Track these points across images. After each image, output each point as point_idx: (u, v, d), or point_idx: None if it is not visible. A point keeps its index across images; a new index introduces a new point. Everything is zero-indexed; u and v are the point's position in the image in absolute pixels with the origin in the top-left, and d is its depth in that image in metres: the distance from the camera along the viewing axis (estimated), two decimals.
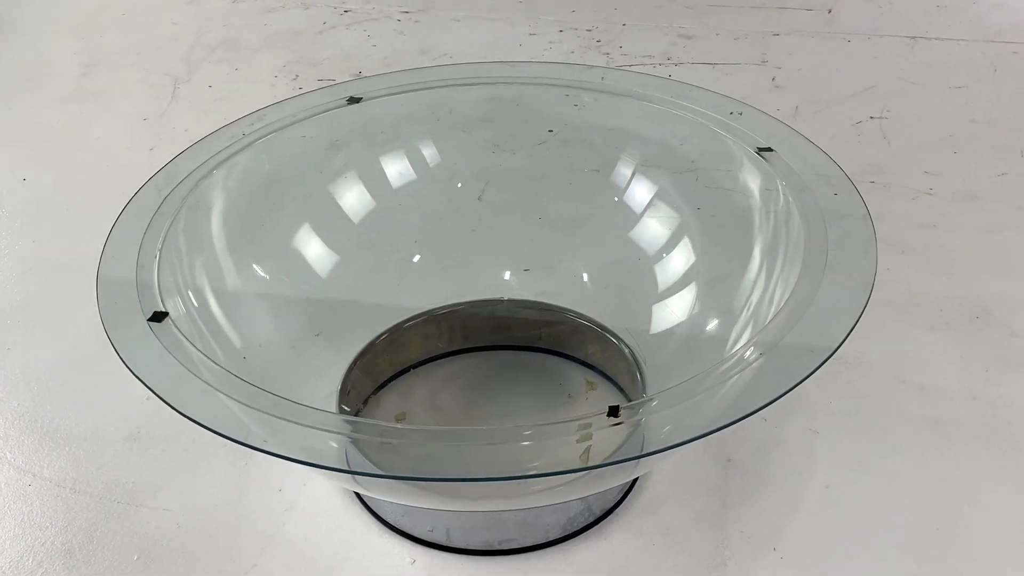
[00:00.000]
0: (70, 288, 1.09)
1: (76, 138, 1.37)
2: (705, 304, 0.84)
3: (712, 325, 0.83)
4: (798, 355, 0.65)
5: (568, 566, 0.79)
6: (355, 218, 0.91)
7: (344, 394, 0.86)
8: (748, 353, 0.66)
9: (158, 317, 0.69)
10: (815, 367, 0.64)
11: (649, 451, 0.59)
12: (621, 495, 0.83)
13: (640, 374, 0.86)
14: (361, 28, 1.62)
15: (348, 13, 1.67)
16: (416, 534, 0.80)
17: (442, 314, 0.94)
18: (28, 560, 0.81)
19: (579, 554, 0.79)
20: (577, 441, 0.66)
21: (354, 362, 0.89)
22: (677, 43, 1.53)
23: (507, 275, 0.95)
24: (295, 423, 0.62)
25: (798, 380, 0.63)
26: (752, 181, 0.82)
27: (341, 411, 0.84)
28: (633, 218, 0.88)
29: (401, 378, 0.92)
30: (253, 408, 0.63)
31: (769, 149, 0.84)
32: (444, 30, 1.61)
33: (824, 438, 0.88)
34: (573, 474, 0.69)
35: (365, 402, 0.89)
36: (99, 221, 1.19)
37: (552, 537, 0.80)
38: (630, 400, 0.86)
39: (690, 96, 0.91)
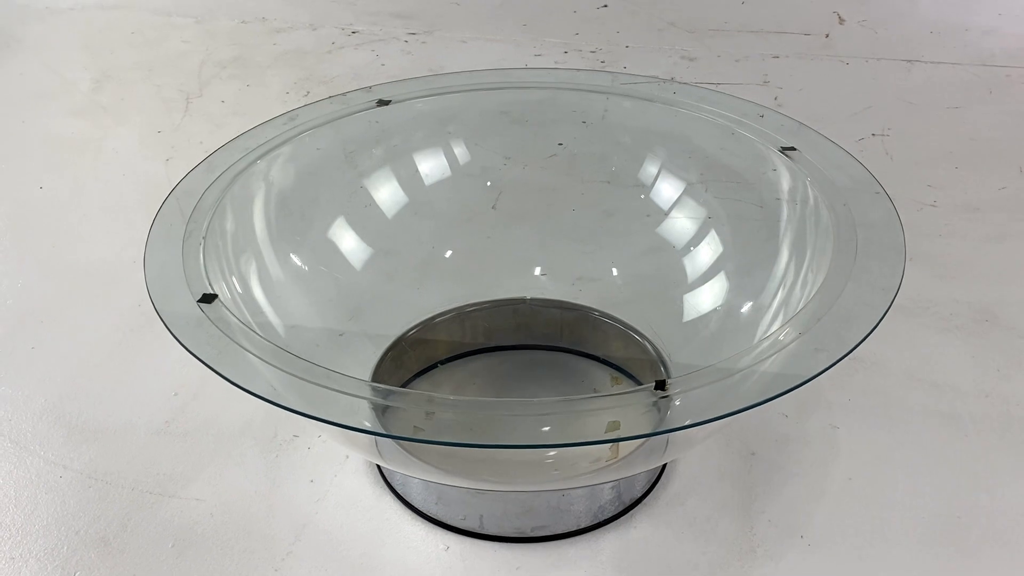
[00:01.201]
0: (91, 290, 1.11)
1: (91, 149, 1.38)
2: (734, 299, 0.86)
3: (739, 320, 0.85)
4: (835, 333, 0.66)
5: (598, 553, 0.80)
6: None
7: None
8: (783, 335, 0.67)
9: (208, 299, 0.70)
10: (858, 342, 0.66)
11: (701, 420, 0.60)
12: (648, 486, 0.84)
13: (665, 370, 0.88)
14: (369, 48, 1.65)
15: (356, 34, 1.70)
16: (449, 522, 0.81)
17: (467, 313, 0.96)
18: (63, 548, 0.81)
19: (609, 542, 0.81)
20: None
21: (384, 355, 0.90)
22: (680, 64, 1.57)
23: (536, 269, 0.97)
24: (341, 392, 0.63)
25: (839, 357, 0.65)
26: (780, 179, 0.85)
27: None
28: (659, 215, 0.90)
29: (428, 373, 0.94)
30: (296, 376, 0.64)
31: (793, 148, 0.87)
32: (451, 51, 1.64)
33: (845, 433, 0.90)
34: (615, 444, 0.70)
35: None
36: (117, 226, 1.21)
37: (582, 525, 0.81)
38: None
39: (709, 99, 0.94)
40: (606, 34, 1.68)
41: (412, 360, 0.93)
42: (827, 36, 1.65)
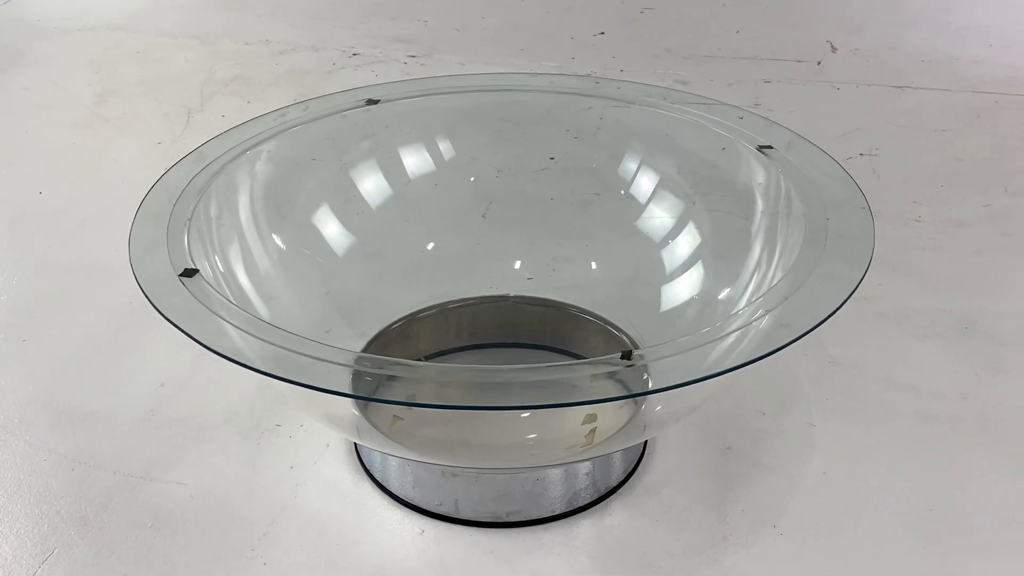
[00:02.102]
0: (84, 288, 1.12)
1: (91, 158, 1.41)
2: (712, 287, 0.87)
3: (716, 307, 0.86)
4: (802, 311, 0.68)
5: (573, 539, 0.81)
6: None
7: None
8: (750, 313, 0.69)
9: (189, 273, 0.72)
10: (824, 318, 0.67)
11: (673, 384, 0.61)
12: (624, 476, 0.85)
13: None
14: (369, 69, 1.68)
15: (356, 56, 1.73)
16: (425, 506, 0.82)
17: (450, 309, 0.97)
18: (44, 526, 0.82)
19: (584, 528, 0.82)
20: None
21: (366, 348, 0.91)
22: (673, 87, 1.59)
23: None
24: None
25: (811, 326, 0.66)
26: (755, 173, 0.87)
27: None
28: (638, 209, 0.92)
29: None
30: (278, 346, 0.65)
31: (769, 147, 0.88)
32: (449, 73, 1.66)
33: (821, 430, 0.91)
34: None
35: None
36: (113, 229, 1.23)
37: (557, 511, 0.82)
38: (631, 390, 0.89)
39: (691, 101, 0.96)
40: (602, 59, 1.71)
41: (395, 354, 0.94)
42: (819, 63, 1.68)
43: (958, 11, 1.90)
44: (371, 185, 0.93)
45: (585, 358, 0.93)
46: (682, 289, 0.88)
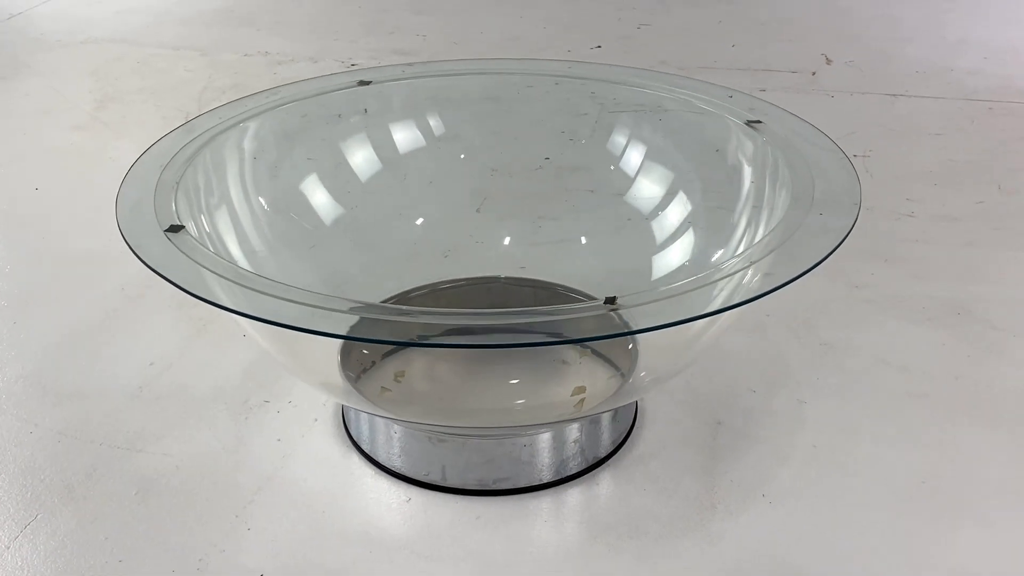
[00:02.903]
0: (76, 276, 1.12)
1: (89, 158, 1.42)
2: (702, 254, 0.87)
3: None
4: (786, 263, 0.67)
5: (561, 505, 0.80)
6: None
7: (345, 355, 0.88)
8: (735, 265, 0.69)
9: (175, 229, 0.72)
10: (808, 268, 0.67)
11: (656, 325, 0.61)
12: (613, 448, 0.85)
13: (635, 344, 0.88)
14: None
15: (355, 67, 1.74)
16: (413, 475, 0.82)
17: (441, 290, 0.97)
18: (27, 494, 0.82)
19: (572, 496, 0.81)
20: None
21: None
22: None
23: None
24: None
25: (807, 268, 0.66)
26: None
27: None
28: (628, 182, 0.92)
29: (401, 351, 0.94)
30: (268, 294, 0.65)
31: (758, 121, 0.89)
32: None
33: (812, 407, 0.90)
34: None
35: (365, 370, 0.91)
36: (107, 222, 1.23)
37: (545, 479, 0.81)
38: (620, 370, 0.88)
39: (681, 83, 0.97)
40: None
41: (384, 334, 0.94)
42: (814, 74, 1.69)
43: (953, 26, 1.91)
44: (361, 158, 0.93)
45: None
46: (672, 257, 0.87)
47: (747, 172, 0.87)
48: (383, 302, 0.93)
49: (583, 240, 0.99)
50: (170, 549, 0.76)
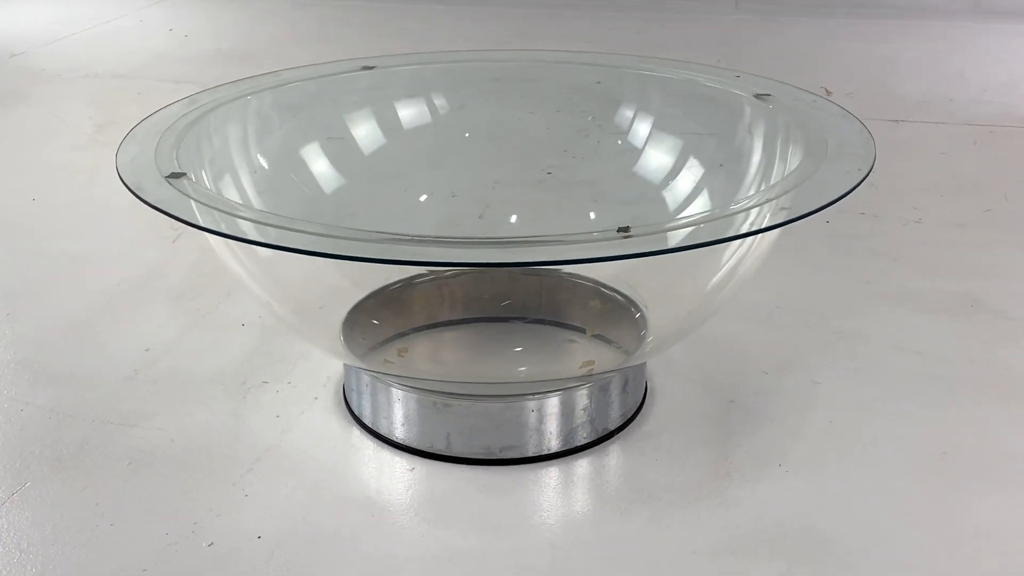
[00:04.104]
0: (73, 274, 1.10)
1: (86, 174, 1.40)
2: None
3: None
4: (802, 201, 0.66)
5: (570, 474, 0.77)
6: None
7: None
8: (750, 202, 0.67)
9: (176, 176, 0.71)
10: (823, 204, 0.65)
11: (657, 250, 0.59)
12: (622, 421, 0.82)
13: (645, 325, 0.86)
14: None
15: None
16: (417, 446, 0.79)
17: (444, 278, 0.95)
18: (16, 464, 0.79)
19: (580, 467, 0.78)
20: None
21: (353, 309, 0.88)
22: None
23: None
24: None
25: (803, 213, 0.64)
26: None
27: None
28: (636, 153, 0.91)
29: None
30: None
31: (767, 95, 0.88)
32: None
33: (826, 388, 0.88)
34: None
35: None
36: (103, 227, 1.22)
37: (553, 449, 0.78)
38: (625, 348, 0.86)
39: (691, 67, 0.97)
40: (597, 101, 1.72)
41: (387, 319, 0.92)
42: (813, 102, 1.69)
43: (950, 62, 1.92)
44: (363, 131, 0.92)
45: (583, 329, 0.91)
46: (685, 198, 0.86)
47: (760, 131, 0.86)
48: (388, 287, 0.92)
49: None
50: (163, 514, 0.73)
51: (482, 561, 0.69)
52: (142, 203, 0.69)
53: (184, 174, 0.71)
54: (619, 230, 0.62)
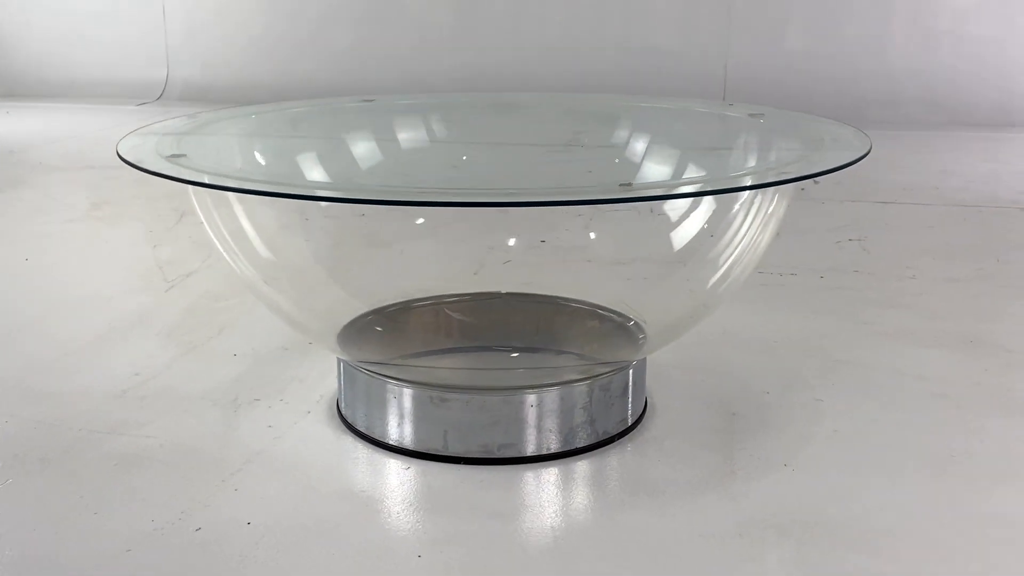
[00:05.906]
0: (67, 311, 1.09)
1: (81, 242, 1.41)
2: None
3: None
4: (804, 167, 0.66)
5: (571, 472, 0.75)
6: None
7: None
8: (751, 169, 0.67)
9: (176, 157, 0.71)
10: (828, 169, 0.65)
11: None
12: (622, 429, 0.80)
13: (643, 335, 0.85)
14: None
15: None
16: (413, 447, 0.77)
17: (442, 304, 0.94)
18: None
19: (580, 468, 0.76)
20: None
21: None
22: None
23: None
24: None
25: (807, 174, 0.64)
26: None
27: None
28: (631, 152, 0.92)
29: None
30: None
31: (761, 115, 0.89)
32: None
33: (830, 404, 0.87)
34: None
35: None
36: (98, 278, 1.22)
37: (552, 449, 0.76)
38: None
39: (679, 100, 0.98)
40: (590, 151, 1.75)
41: (385, 346, 0.90)
42: (803, 189, 1.72)
43: (935, 160, 1.96)
44: (363, 149, 0.93)
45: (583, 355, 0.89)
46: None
47: (758, 135, 0.87)
48: (386, 308, 0.91)
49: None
50: (149, 505, 0.71)
51: (478, 545, 0.66)
52: (145, 173, 0.69)
53: (184, 155, 0.71)
54: (620, 185, 0.62)
